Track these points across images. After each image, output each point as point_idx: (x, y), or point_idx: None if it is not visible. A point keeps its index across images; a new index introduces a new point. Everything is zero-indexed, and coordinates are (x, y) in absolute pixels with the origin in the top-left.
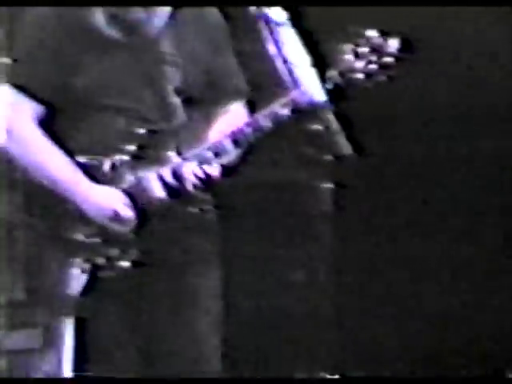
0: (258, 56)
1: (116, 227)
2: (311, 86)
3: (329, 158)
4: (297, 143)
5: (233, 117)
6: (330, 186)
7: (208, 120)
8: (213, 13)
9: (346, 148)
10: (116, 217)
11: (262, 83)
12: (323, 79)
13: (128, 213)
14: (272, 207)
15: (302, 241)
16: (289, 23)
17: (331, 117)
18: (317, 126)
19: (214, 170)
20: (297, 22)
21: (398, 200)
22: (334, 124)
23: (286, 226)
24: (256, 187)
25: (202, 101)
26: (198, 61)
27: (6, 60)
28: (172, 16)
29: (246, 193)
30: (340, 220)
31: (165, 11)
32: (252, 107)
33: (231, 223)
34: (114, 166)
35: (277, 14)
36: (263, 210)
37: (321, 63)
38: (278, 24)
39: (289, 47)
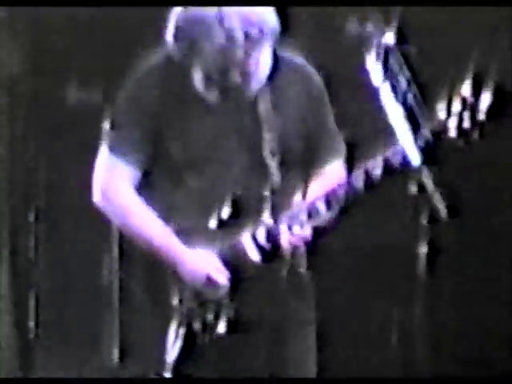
0: (355, 114)
1: (209, 292)
2: (406, 146)
3: (424, 220)
4: (392, 206)
5: (329, 178)
6: (424, 248)
7: (304, 181)
8: (311, 73)
9: (442, 211)
10: (209, 281)
11: (360, 142)
12: (417, 138)
13: (221, 278)
14: (367, 270)
15: (397, 303)
16: (385, 82)
17: (427, 178)
18: (412, 188)
19: (307, 233)
20: (394, 77)
21: (493, 264)
22: (430, 186)
23: (380, 288)
24: (351, 249)
25: (299, 162)
26: (296, 122)
27: (105, 124)
28: (269, 79)
29: (341, 255)
30: (434, 283)
31: (262, 75)
32: (350, 166)
33: (326, 286)
34: (210, 229)
35: (375, 74)
36: (358, 273)
37: (415, 121)
38: (375, 82)
39: (385, 106)
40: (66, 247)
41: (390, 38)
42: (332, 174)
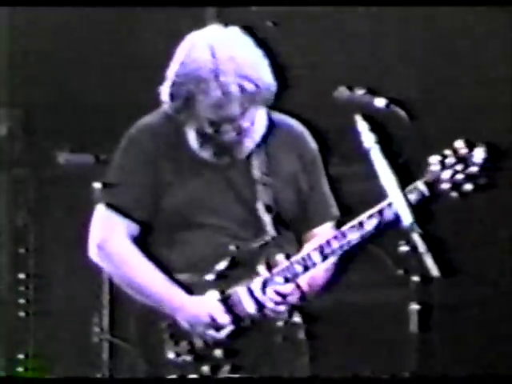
0: (348, 176)
1: (212, 334)
2: (397, 206)
3: (416, 279)
4: (384, 264)
5: (322, 236)
6: (416, 306)
7: (298, 236)
8: (304, 136)
9: (433, 270)
10: (213, 322)
11: (353, 203)
12: (408, 196)
13: (224, 318)
14: (360, 327)
15: (388, 361)
16: (377, 142)
17: (418, 238)
18: (404, 248)
19: (303, 285)
20: (385, 140)
21: (486, 321)
22: (421, 245)
23: (372, 345)
24: (344, 307)
25: (291, 221)
26: (289, 180)
27: (97, 184)
28: (264, 139)
29: (335, 312)
30: (425, 341)
31: (257, 134)
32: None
33: (320, 341)
34: (206, 282)
35: (366, 136)
36: (351, 329)
37: (409, 175)
38: (366, 141)
39: (378, 166)
40: (57, 304)
41: (380, 101)
42: (322, 237)
